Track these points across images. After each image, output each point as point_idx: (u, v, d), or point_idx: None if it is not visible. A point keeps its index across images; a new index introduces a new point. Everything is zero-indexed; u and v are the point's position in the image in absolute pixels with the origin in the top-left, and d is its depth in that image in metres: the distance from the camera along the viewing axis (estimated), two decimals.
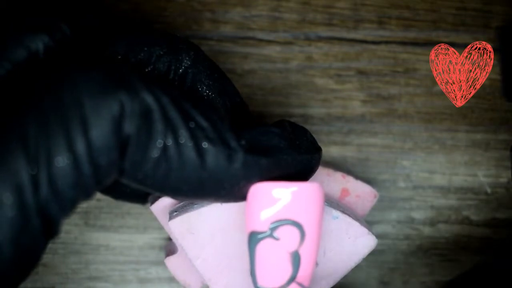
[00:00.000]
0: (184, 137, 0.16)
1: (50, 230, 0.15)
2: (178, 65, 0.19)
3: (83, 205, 0.26)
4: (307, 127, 0.27)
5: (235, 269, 0.21)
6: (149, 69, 0.18)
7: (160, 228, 0.26)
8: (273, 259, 0.18)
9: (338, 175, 0.24)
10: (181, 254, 0.23)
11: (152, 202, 0.22)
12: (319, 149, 0.19)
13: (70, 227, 0.26)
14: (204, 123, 0.16)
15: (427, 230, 0.27)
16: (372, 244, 0.22)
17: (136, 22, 0.20)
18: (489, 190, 0.27)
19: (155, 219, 0.26)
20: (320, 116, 0.27)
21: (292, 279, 0.18)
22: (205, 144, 0.16)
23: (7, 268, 0.14)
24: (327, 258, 0.21)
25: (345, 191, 0.24)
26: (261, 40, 0.27)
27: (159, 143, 0.16)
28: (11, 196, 0.14)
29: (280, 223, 0.18)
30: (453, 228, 0.27)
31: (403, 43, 0.27)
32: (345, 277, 0.22)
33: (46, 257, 0.26)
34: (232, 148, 0.17)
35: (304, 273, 0.18)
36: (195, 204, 0.21)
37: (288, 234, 0.18)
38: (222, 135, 0.17)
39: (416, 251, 0.27)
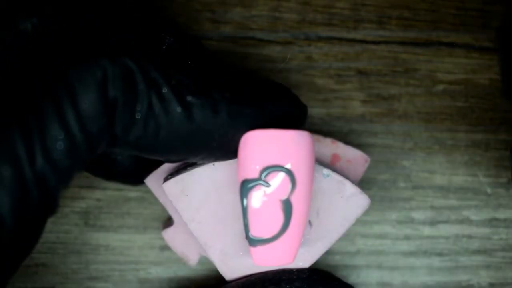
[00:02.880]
0: (168, 93, 0.17)
1: (49, 202, 0.15)
2: (163, 41, 0.19)
3: (83, 205, 0.26)
4: (307, 127, 0.27)
5: (230, 232, 0.21)
6: (138, 45, 0.19)
7: (160, 228, 0.26)
8: (265, 207, 0.18)
9: (328, 141, 0.24)
10: (178, 225, 0.23)
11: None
12: (304, 105, 0.20)
13: (70, 227, 0.26)
14: (186, 80, 0.17)
15: (427, 230, 0.27)
16: (365, 204, 0.21)
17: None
18: (489, 190, 0.27)
19: (155, 219, 0.26)
20: (320, 116, 0.27)
21: (284, 228, 0.19)
22: (189, 98, 0.17)
23: (9, 240, 0.14)
24: (321, 218, 0.21)
25: (335, 157, 0.24)
26: (261, 40, 0.27)
27: (145, 102, 0.16)
28: (9, 168, 0.14)
29: (270, 169, 0.18)
30: (453, 228, 0.27)
31: (403, 43, 0.27)
32: (345, 277, 0.22)
33: (46, 257, 0.26)
34: (216, 99, 0.17)
35: (296, 223, 0.19)
36: (189, 167, 0.21)
37: (279, 181, 0.18)
38: (205, 88, 0.17)
39: (416, 251, 0.27)
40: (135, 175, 0.23)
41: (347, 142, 0.27)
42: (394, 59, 0.27)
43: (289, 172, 0.18)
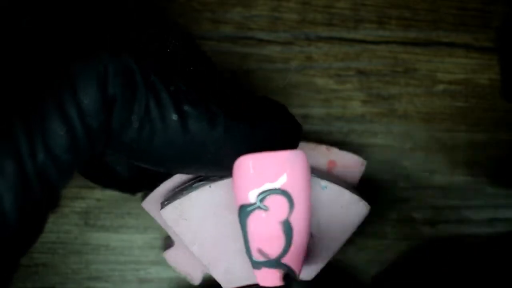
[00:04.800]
0: (166, 99, 0.16)
1: (51, 197, 0.15)
2: (167, 44, 0.19)
3: (83, 205, 0.26)
4: (307, 127, 0.27)
5: (233, 251, 0.21)
6: (140, 47, 0.19)
7: (160, 228, 0.26)
8: (265, 230, 0.18)
9: (322, 148, 0.24)
10: (179, 246, 0.23)
11: (143, 199, 0.22)
12: (299, 124, 0.20)
13: (70, 227, 0.26)
14: (185, 88, 0.17)
15: (427, 230, 0.27)
16: (365, 211, 0.22)
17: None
18: (489, 190, 0.27)
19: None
20: (320, 116, 0.27)
21: (287, 248, 0.18)
22: (186, 107, 0.17)
23: (12, 235, 0.14)
24: (322, 230, 0.21)
25: (331, 163, 0.24)
26: (261, 40, 0.27)
27: (142, 104, 0.16)
28: (11, 163, 0.14)
29: (267, 193, 0.18)
30: (453, 228, 0.27)
31: (403, 43, 0.27)
32: (345, 277, 0.22)
33: (46, 257, 0.26)
34: (214, 112, 0.17)
35: (297, 242, 0.18)
36: (185, 191, 0.21)
37: (277, 204, 0.18)
38: (204, 99, 0.17)
39: (416, 251, 0.27)
40: (134, 185, 0.23)
41: (347, 142, 0.27)
42: (394, 59, 0.27)
43: (285, 194, 0.18)
